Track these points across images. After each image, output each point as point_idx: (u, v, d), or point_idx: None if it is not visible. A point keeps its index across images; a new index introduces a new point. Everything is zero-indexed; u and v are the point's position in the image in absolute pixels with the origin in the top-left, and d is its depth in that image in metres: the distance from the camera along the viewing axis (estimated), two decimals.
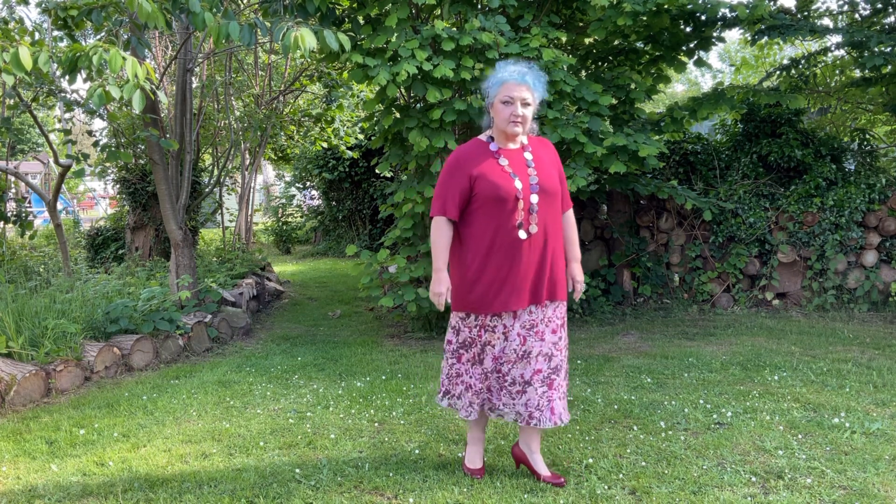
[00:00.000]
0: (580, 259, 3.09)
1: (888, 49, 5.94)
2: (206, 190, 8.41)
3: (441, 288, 2.88)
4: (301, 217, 15.31)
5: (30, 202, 14.16)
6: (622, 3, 5.41)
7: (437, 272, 2.90)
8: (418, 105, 5.91)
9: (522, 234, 2.85)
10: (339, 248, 12.87)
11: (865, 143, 7.39)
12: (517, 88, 2.82)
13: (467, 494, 2.93)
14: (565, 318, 3.02)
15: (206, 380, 4.77)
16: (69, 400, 4.40)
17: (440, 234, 2.90)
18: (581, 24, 6.55)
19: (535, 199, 2.86)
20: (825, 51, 7.74)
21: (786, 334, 5.71)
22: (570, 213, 3.09)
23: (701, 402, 4.01)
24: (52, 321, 4.82)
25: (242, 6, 6.88)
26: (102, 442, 3.65)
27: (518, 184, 2.85)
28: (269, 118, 9.16)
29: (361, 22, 5.67)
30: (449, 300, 2.93)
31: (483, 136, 2.99)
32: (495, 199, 2.84)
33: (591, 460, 3.22)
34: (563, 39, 6.63)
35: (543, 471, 3.04)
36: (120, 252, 8.86)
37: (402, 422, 3.84)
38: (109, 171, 9.13)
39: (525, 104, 2.83)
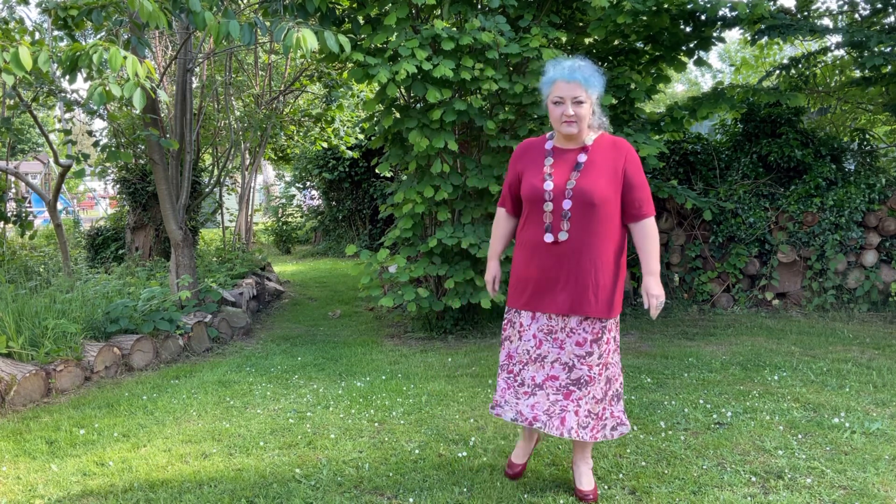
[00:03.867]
0: (656, 272, 2.73)
1: (888, 49, 5.93)
2: (206, 190, 8.41)
3: (488, 276, 3.04)
4: (301, 217, 15.31)
5: (30, 202, 14.16)
6: (622, 3, 5.41)
7: (488, 260, 3.06)
8: (418, 105, 5.91)
9: (548, 238, 2.75)
10: (339, 248, 12.87)
11: (865, 143, 7.39)
12: (567, 87, 2.69)
13: (467, 495, 2.93)
14: (603, 335, 2.77)
15: (206, 380, 4.77)
16: (69, 400, 4.40)
17: (496, 223, 3.03)
18: (581, 24, 6.55)
19: (567, 204, 2.71)
20: (825, 51, 7.74)
21: (786, 334, 5.71)
22: (647, 223, 2.75)
23: (701, 402, 4.01)
24: (52, 321, 4.82)
25: (242, 6, 6.88)
26: (102, 442, 3.65)
27: (549, 185, 2.74)
28: (269, 118, 9.16)
29: (361, 22, 5.67)
30: (494, 291, 3.06)
31: (549, 133, 2.92)
32: (528, 198, 2.80)
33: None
34: (563, 39, 6.63)
35: (579, 485, 2.92)
36: (120, 252, 8.86)
37: (402, 422, 3.84)
38: (109, 171, 9.13)
39: (577, 102, 2.69)
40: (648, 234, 2.76)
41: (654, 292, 2.70)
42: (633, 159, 2.78)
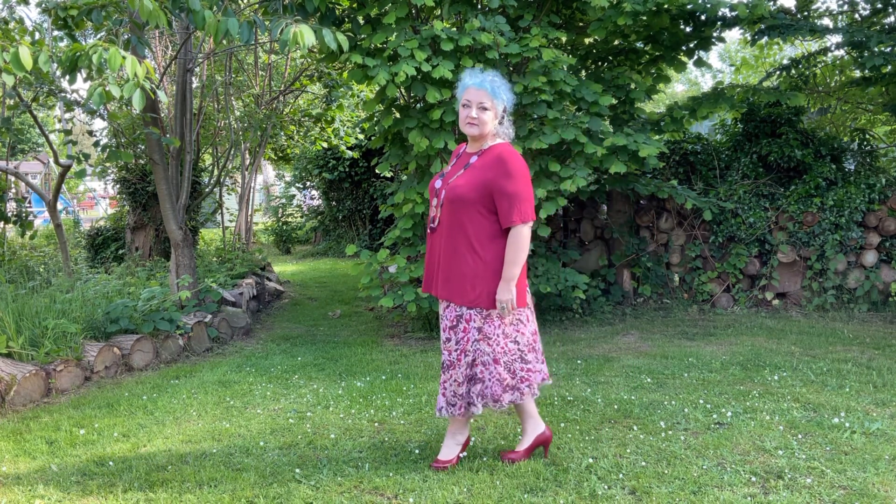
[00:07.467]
0: (508, 279, 2.97)
1: (888, 49, 5.94)
2: (206, 190, 8.41)
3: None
4: (301, 217, 15.31)
5: (30, 202, 14.15)
6: (622, 3, 5.41)
7: None
8: (418, 105, 5.91)
9: (430, 227, 3.17)
10: (339, 248, 12.86)
11: (865, 143, 7.39)
12: (475, 93, 3.00)
13: (467, 494, 2.93)
14: (459, 324, 3.07)
15: (206, 380, 4.77)
16: (69, 400, 4.39)
17: None
18: (581, 24, 6.55)
19: (443, 195, 3.09)
20: (825, 51, 7.74)
21: (786, 334, 5.71)
22: (514, 231, 2.96)
23: (701, 402, 4.01)
24: (52, 321, 4.82)
25: (242, 6, 6.88)
26: (102, 442, 3.65)
27: (438, 183, 3.16)
28: (269, 118, 9.15)
29: (361, 22, 5.67)
30: None
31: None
32: (430, 194, 3.23)
33: (591, 460, 3.22)
34: (563, 39, 6.63)
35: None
36: (120, 252, 8.86)
37: (402, 422, 3.84)
38: (109, 171, 9.12)
39: (482, 108, 2.99)
40: (512, 241, 2.98)
41: (497, 297, 2.99)
42: (508, 171, 2.96)
